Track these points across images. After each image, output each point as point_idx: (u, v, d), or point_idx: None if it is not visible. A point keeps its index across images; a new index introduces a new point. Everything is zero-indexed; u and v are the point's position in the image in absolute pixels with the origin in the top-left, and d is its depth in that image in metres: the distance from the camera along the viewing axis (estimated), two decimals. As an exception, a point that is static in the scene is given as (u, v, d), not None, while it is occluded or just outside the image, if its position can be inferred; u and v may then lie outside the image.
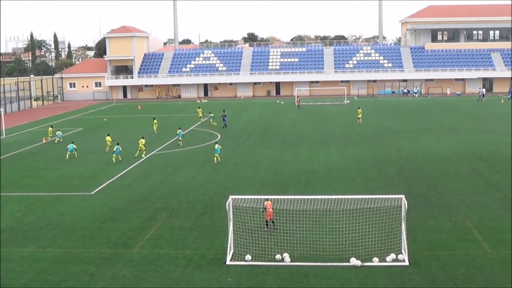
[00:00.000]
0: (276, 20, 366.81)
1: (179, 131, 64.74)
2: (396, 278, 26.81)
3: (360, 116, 79.24)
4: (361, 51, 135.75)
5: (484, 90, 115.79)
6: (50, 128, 73.35)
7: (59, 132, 71.02)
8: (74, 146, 58.95)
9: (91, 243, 32.52)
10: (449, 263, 28.31)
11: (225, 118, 77.80)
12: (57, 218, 37.47)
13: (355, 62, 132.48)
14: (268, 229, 33.02)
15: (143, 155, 57.50)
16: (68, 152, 58.43)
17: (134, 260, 29.67)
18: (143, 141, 58.46)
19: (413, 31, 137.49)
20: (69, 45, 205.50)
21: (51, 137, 71.15)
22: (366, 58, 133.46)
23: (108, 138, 62.21)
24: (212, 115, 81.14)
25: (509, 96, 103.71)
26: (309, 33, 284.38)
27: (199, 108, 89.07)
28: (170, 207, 39.28)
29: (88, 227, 35.38)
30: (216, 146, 54.62)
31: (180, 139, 63.62)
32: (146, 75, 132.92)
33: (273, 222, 33.31)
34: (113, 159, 55.42)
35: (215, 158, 54.05)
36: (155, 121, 77.23)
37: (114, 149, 55.99)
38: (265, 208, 33.26)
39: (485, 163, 51.19)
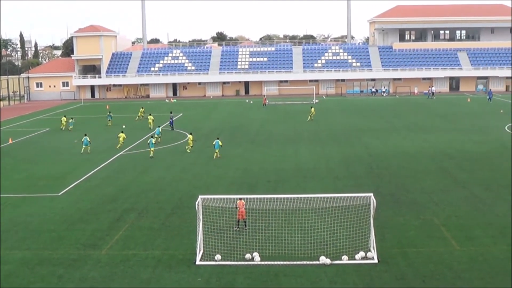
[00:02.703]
0: (245, 19, 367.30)
1: (157, 128, 66.30)
2: (365, 275, 26.95)
3: (311, 114, 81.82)
4: (329, 51, 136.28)
5: (433, 88, 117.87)
6: (63, 118, 79.29)
7: (71, 120, 77.88)
8: (88, 139, 59.98)
9: (59, 244, 32.20)
10: (418, 260, 28.55)
11: (172, 121, 76.93)
12: (24, 219, 37.03)
13: (323, 61, 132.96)
14: (238, 229, 33.00)
15: (188, 150, 58.69)
16: (83, 146, 59.53)
17: (103, 261, 29.44)
18: (191, 137, 59.75)
19: (381, 31, 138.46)
20: (35, 45, 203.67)
21: (65, 126, 77.59)
22: (334, 57, 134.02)
23: (122, 135, 62.59)
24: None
25: (488, 97, 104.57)
26: (278, 32, 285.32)
27: (142, 107, 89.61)
28: (138, 208, 39.05)
29: (56, 229, 35.02)
30: (215, 141, 55.61)
31: (158, 136, 64.44)
32: (114, 75, 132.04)
33: (245, 222, 33.28)
34: (151, 152, 56.47)
35: (215, 154, 54.97)
36: (150, 116, 79.07)
37: (148, 142, 57.30)
38: (237, 207, 33.23)
39: (452, 161, 51.72)
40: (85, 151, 59.47)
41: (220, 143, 55.60)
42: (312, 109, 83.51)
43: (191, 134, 61.08)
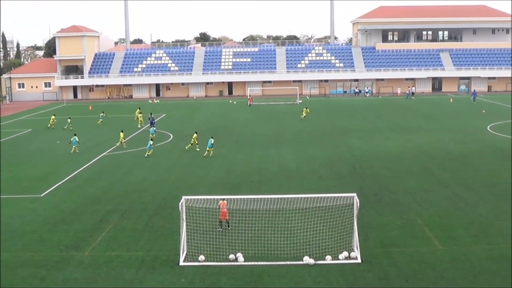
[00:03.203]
0: (228, 20, 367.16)
1: (152, 128, 67.88)
2: (348, 275, 27.01)
3: (304, 114, 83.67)
4: (313, 51, 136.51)
5: (413, 88, 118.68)
6: (52, 116, 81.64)
7: (69, 120, 79.34)
8: (77, 139, 60.43)
9: (41, 246, 32.00)
10: (401, 260, 28.66)
11: (153, 121, 76.56)
12: (6, 221, 36.72)
13: (307, 62, 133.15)
14: (222, 229, 32.96)
15: (197, 149, 59.04)
16: (73, 146, 59.97)
17: (86, 263, 29.30)
18: (195, 135, 60.18)
19: (364, 32, 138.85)
20: (17, 45, 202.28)
21: (52, 125, 79.73)
22: (318, 58, 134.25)
23: (121, 134, 63.66)
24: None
25: (472, 97, 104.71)
26: (261, 33, 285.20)
27: (139, 107, 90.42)
28: (122, 209, 38.90)
29: (38, 230, 34.80)
30: (208, 141, 56.54)
31: (152, 134, 65.39)
32: (97, 75, 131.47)
33: (228, 222, 33.25)
34: (150, 153, 56.86)
35: (210, 152, 55.96)
36: (140, 115, 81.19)
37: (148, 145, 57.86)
38: (219, 208, 33.19)
39: (435, 161, 51.95)
40: (74, 150, 59.74)
41: (213, 142, 56.38)
42: (307, 108, 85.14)
43: (196, 133, 61.40)
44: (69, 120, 79.91)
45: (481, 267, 27.65)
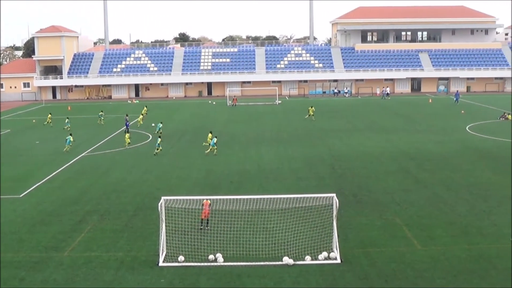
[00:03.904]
0: (207, 20, 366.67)
1: (158, 124, 70.58)
2: (328, 276, 27.09)
3: (311, 113, 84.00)
4: (292, 52, 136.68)
5: (388, 89, 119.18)
6: (49, 115, 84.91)
7: (67, 120, 79.56)
8: (71, 139, 61.14)
9: (20, 247, 31.80)
10: (380, 260, 28.78)
11: (128, 123, 76.27)
12: (-16, 222, 36.47)
13: (286, 62, 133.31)
14: (202, 228, 32.94)
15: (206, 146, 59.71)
16: (66, 145, 60.53)
17: (65, 264, 29.16)
18: (210, 135, 60.36)
19: (343, 32, 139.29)
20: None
21: (49, 122, 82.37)
22: (297, 58, 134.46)
23: (127, 135, 63.78)
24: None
25: (455, 98, 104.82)
26: (240, 33, 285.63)
27: (146, 106, 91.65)
28: (101, 209, 38.74)
29: (17, 231, 34.57)
30: (210, 139, 57.65)
31: (159, 131, 67.80)
32: (76, 76, 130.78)
33: (207, 221, 33.25)
34: (158, 151, 57.73)
35: (213, 149, 56.79)
36: (141, 116, 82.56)
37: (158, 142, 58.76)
38: (202, 206, 33.20)
39: (414, 162, 52.21)
40: (66, 149, 60.12)
41: (215, 141, 57.12)
42: (312, 107, 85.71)
43: (211, 132, 61.63)
44: (67, 120, 79.53)
45: (460, 267, 27.85)
